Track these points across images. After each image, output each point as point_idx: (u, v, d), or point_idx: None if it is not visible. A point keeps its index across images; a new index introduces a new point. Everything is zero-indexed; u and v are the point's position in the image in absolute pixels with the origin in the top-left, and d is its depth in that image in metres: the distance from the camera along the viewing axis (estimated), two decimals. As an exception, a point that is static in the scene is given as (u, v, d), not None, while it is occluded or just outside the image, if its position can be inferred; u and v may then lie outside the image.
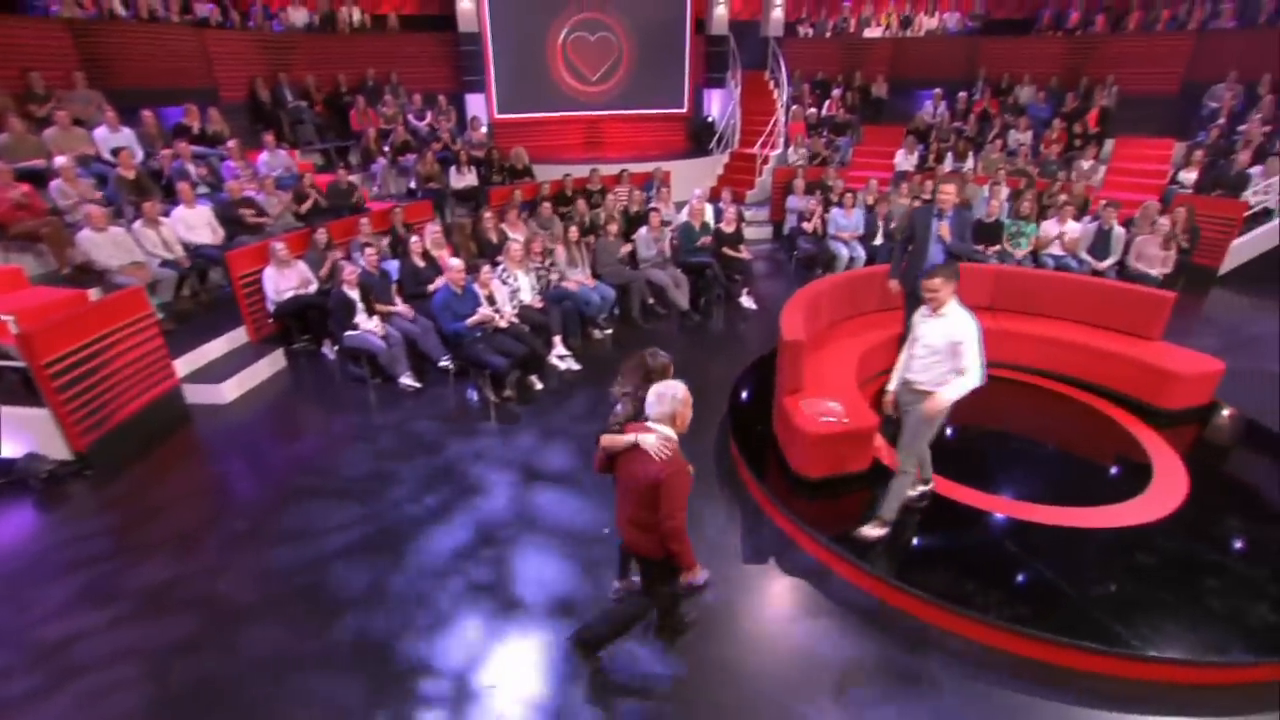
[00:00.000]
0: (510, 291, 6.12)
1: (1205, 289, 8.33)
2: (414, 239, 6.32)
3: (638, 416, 3.02)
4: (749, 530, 4.06)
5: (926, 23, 13.19)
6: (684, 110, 13.12)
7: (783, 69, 12.29)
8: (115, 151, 6.60)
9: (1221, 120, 10.15)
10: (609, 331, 6.99)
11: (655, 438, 2.66)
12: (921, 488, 3.97)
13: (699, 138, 12.64)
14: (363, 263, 5.96)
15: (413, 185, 9.57)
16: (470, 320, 5.30)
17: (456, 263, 5.42)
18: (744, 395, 5.13)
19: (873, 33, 13.43)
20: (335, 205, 7.83)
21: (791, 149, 11.18)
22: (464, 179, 9.58)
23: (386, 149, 9.81)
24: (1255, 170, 8.83)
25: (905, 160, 10.70)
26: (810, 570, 3.70)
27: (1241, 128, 9.70)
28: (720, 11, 12.53)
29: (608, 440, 2.80)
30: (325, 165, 9.93)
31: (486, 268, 5.70)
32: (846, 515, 3.84)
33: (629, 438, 2.72)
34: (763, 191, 11.12)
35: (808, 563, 3.76)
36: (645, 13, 12.28)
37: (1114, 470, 4.36)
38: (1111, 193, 9.43)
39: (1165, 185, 9.44)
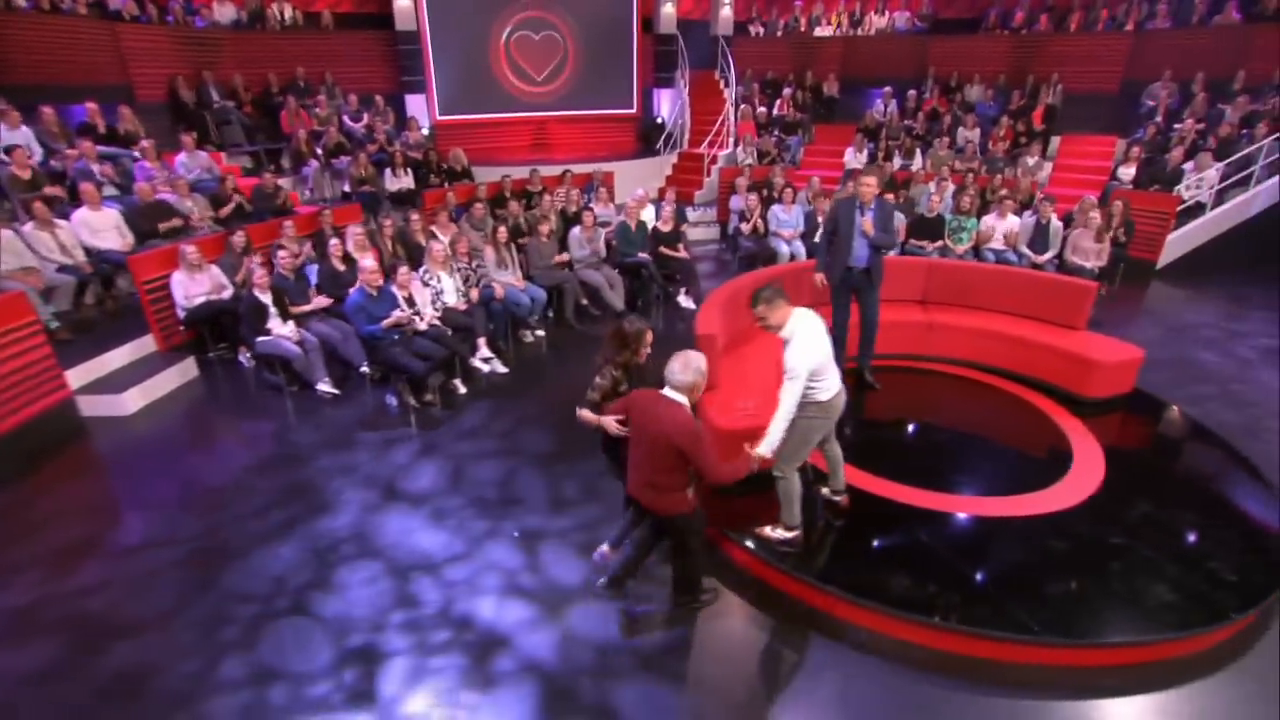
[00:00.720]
0: (433, 293, 6.06)
1: (1145, 282, 8.61)
2: (333, 241, 6.22)
3: (616, 387, 3.36)
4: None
5: (876, 21, 13.48)
6: (633, 111, 13.21)
7: (731, 68, 12.44)
8: (9, 150, 6.38)
9: (1159, 118, 10.52)
10: (541, 333, 6.97)
11: (615, 419, 3.05)
12: (834, 497, 3.88)
13: (650, 139, 12.72)
14: (278, 265, 5.84)
15: (347, 189, 9.44)
16: (385, 322, 5.22)
17: (370, 264, 5.34)
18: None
19: (823, 31, 13.68)
20: (260, 209, 7.68)
21: (740, 148, 11.30)
22: (400, 181, 9.49)
23: (319, 151, 9.67)
24: (1188, 166, 9.16)
25: (854, 158, 10.89)
26: (722, 569, 3.69)
27: (1177, 125, 10.08)
28: (668, 10, 12.67)
29: (581, 416, 3.23)
30: (254, 168, 9.75)
31: (404, 269, 5.62)
32: (760, 512, 3.82)
33: (594, 420, 3.13)
34: (711, 191, 11.21)
35: (720, 560, 3.74)
36: (591, 11, 12.36)
37: (1034, 459, 4.44)
38: (1057, 189, 9.72)
39: (1107, 181, 9.75)
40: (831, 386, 3.36)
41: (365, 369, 5.63)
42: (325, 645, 3.25)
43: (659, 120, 12.92)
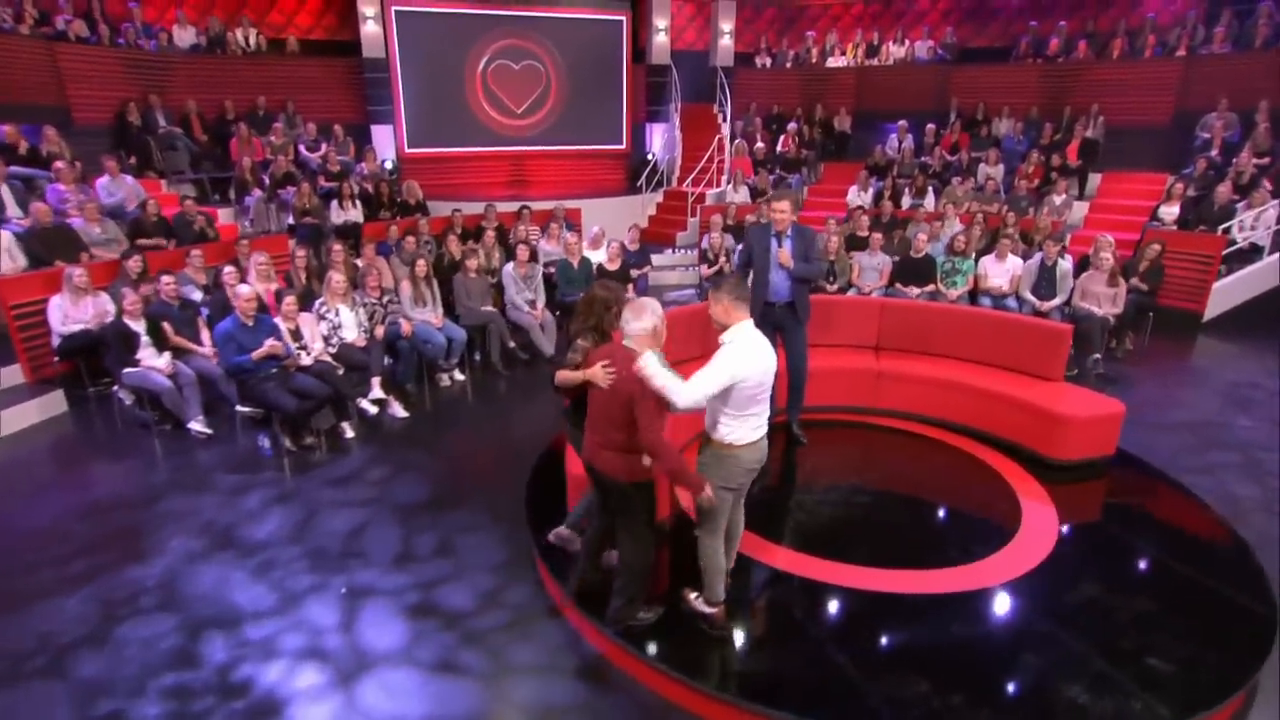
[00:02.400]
0: (330, 327, 6.19)
1: (1188, 336, 8.33)
2: (227, 269, 6.44)
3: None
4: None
5: (894, 51, 13.80)
6: (622, 147, 13.62)
7: (729, 101, 12.81)
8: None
9: (1213, 151, 10.37)
10: (460, 377, 7.02)
11: (601, 366, 3.08)
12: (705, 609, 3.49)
13: (642, 177, 13.06)
14: (162, 293, 6.06)
15: (292, 221, 9.87)
16: (256, 353, 5.32)
17: (246, 290, 5.49)
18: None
19: (836, 62, 14.05)
20: (181, 238, 8.05)
21: (730, 187, 11.49)
22: (346, 214, 9.86)
23: (265, 181, 10.17)
24: (1241, 204, 8.94)
25: (858, 197, 10.97)
26: (589, 666, 3.47)
27: (1235, 160, 9.91)
28: (661, 40, 13.23)
29: (562, 376, 3.37)
30: (199, 197, 10.29)
31: (290, 299, 5.78)
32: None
33: (579, 375, 3.23)
34: (695, 233, 11.35)
35: (587, 653, 3.53)
36: (577, 39, 12.97)
37: (971, 530, 4.25)
38: (1093, 232, 9.56)
39: (1145, 222, 9.57)
40: (752, 431, 3.15)
41: (241, 408, 5.71)
42: (64, 713, 3.19)
43: (650, 157, 13.29)
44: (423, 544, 4.42)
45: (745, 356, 3.05)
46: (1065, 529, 4.13)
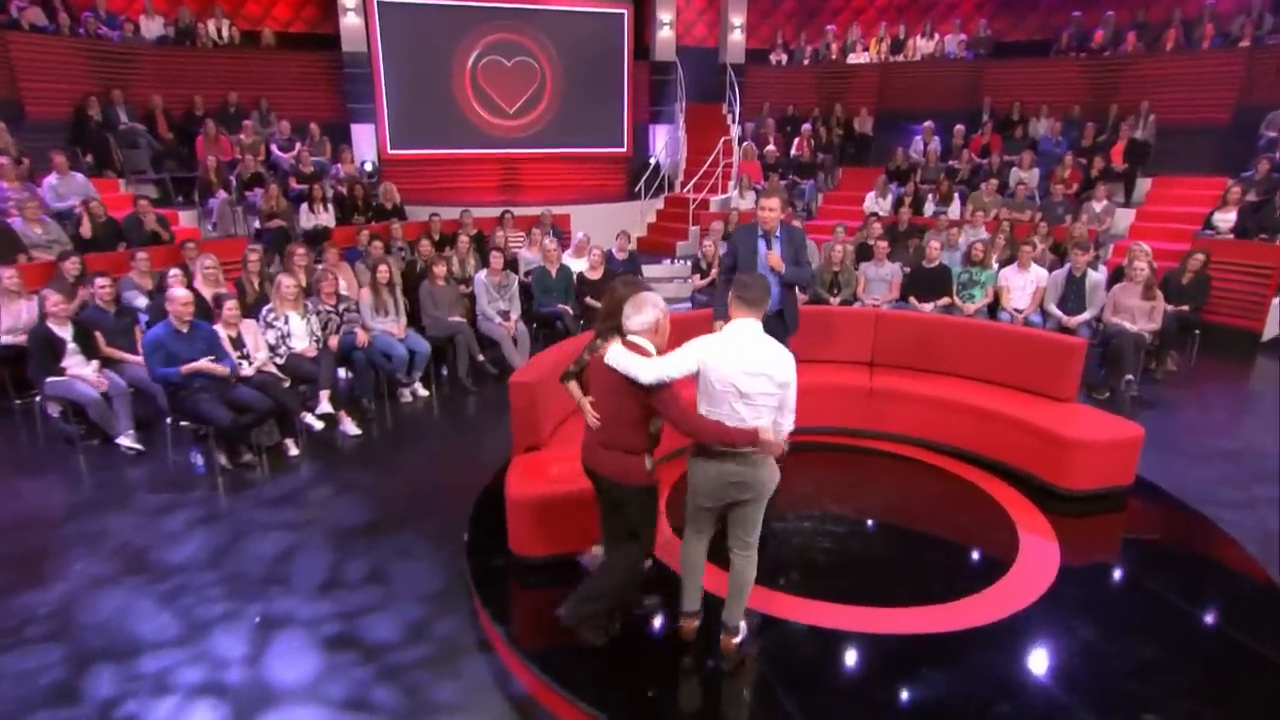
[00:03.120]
0: (278, 336, 6.24)
1: (1245, 358, 8.18)
2: (173, 272, 6.53)
3: None
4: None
5: (921, 46, 13.82)
6: (624, 150, 13.72)
7: (737, 101, 12.88)
8: None
9: (1277, 152, 10.21)
10: (424, 393, 7.04)
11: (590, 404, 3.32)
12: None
13: (640, 182, 13.13)
14: (96, 297, 6.16)
15: (259, 225, 10.03)
16: (185, 368, 5.33)
17: (182, 293, 5.54)
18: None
19: (858, 59, 14.10)
20: (131, 240, 8.20)
21: (735, 193, 11.51)
22: (317, 218, 10.00)
23: (232, 182, 10.36)
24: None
25: (876, 204, 10.93)
26: (515, 708, 3.41)
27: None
28: (666, 35, 13.37)
29: (570, 389, 3.56)
30: (161, 198, 10.51)
31: (231, 304, 5.83)
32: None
33: (577, 396, 3.48)
34: (697, 242, 11.35)
35: (515, 693, 3.48)
36: (575, 34, 13.15)
37: (957, 566, 4.17)
38: (1141, 240, 9.42)
39: (1197, 230, 9.43)
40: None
41: (178, 421, 5.73)
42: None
43: (653, 160, 13.37)
44: (353, 570, 4.40)
45: (718, 343, 3.11)
46: (1066, 566, 4.00)
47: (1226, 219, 9.29)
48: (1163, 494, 4.85)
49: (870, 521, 4.59)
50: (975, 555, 4.27)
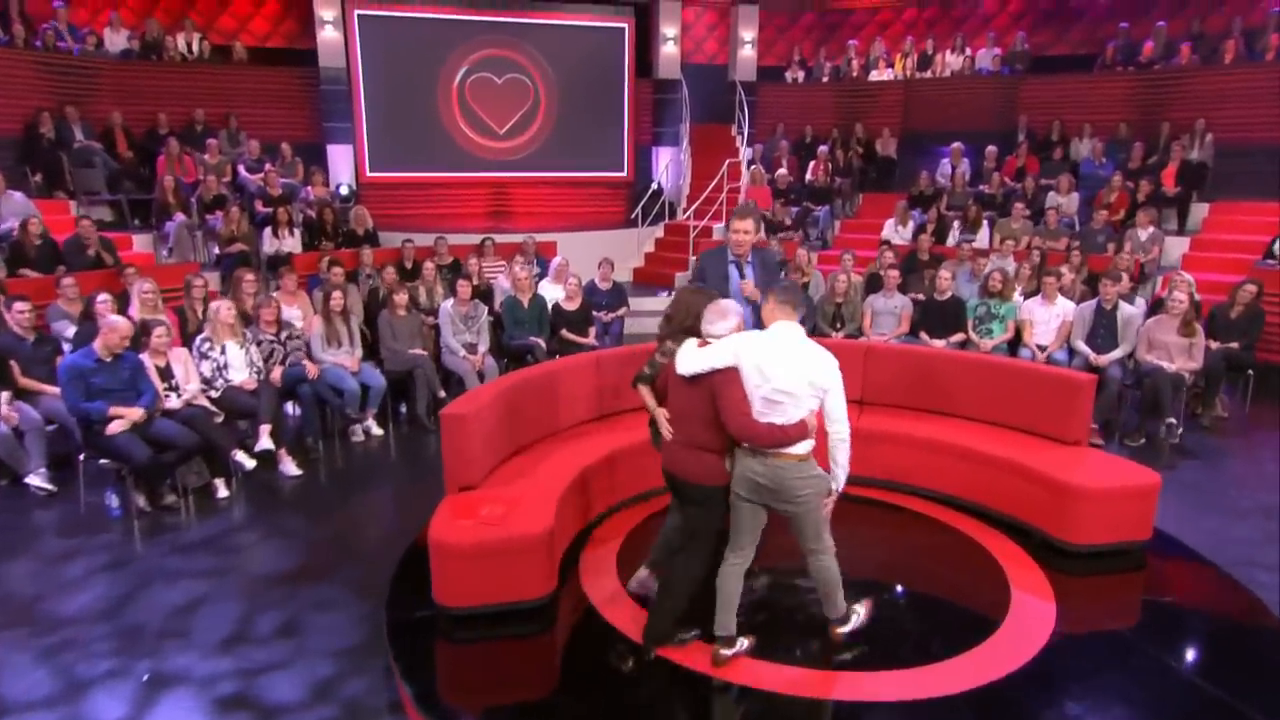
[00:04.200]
0: (214, 367, 6.32)
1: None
2: (102, 297, 6.65)
3: None
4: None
5: (951, 62, 13.95)
6: (624, 174, 13.91)
7: (745, 122, 13.05)
8: None
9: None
10: (378, 432, 7.08)
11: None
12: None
13: (644, 208, 13.28)
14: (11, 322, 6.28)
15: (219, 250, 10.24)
16: (112, 426, 5.37)
17: (121, 322, 5.64)
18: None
19: (880, 75, 14.26)
20: (71, 264, 8.40)
21: (741, 219, 11.56)
22: (282, 243, 10.20)
23: (192, 204, 10.62)
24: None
25: (895, 233, 10.95)
26: None
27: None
28: (670, 51, 13.63)
29: (642, 394, 3.99)
30: (117, 220, 10.79)
31: (159, 330, 5.91)
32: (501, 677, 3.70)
33: (651, 405, 3.92)
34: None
35: None
36: (571, 49, 13.46)
37: (934, 629, 4.05)
38: (1195, 272, 9.33)
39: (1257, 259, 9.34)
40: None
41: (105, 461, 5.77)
42: None
43: (656, 186, 13.52)
44: (264, 623, 4.38)
45: (755, 342, 3.44)
46: (1060, 630, 3.89)
47: (1288, 247, 9.18)
48: (1187, 551, 4.72)
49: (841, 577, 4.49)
50: (958, 617, 4.18)
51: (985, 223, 10.75)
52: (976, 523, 5.00)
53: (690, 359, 3.45)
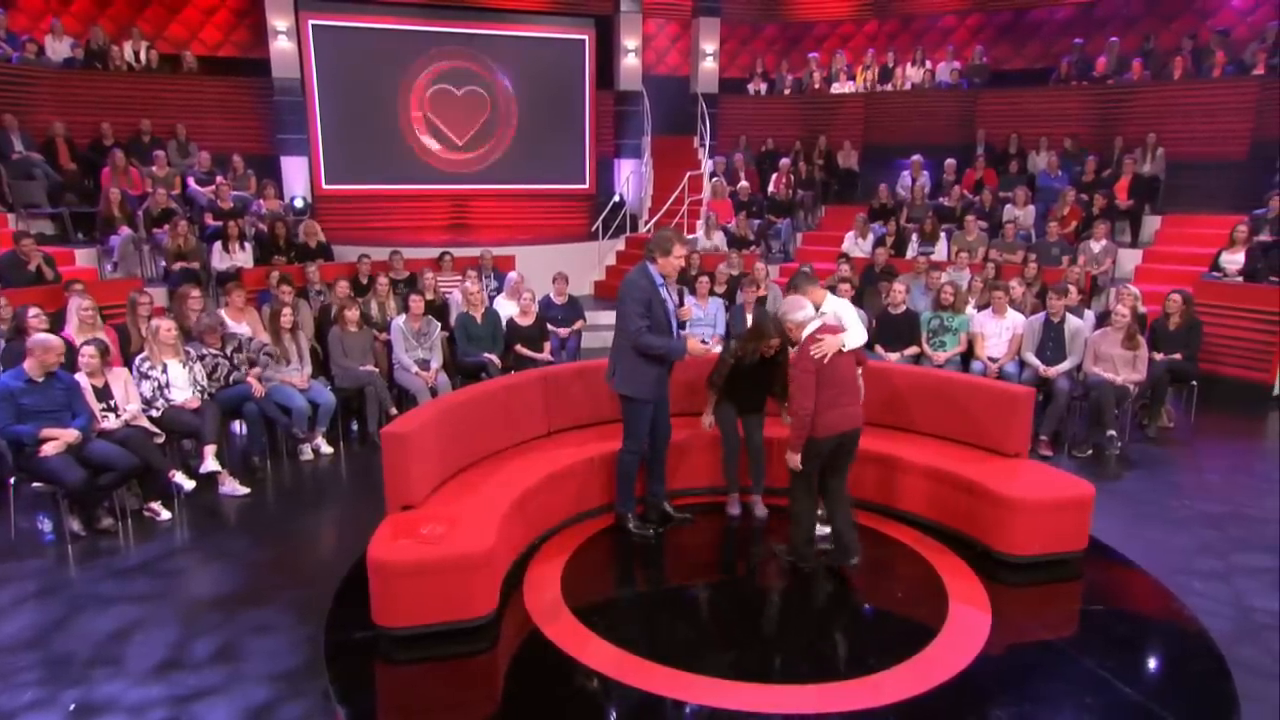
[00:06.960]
0: (155, 387, 6.30)
1: (1256, 413, 8.27)
2: (33, 311, 6.60)
3: (723, 370, 5.17)
4: None
5: (911, 75, 14.25)
6: (585, 186, 14.03)
7: (707, 134, 13.24)
8: None
9: (1292, 189, 10.44)
10: (328, 450, 7.09)
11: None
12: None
13: (606, 221, 13.38)
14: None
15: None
16: (45, 448, 5.34)
17: (53, 340, 5.62)
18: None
19: (842, 88, 14.52)
20: (10, 280, 8.32)
21: (702, 234, 11.74)
22: (232, 259, 10.17)
23: (138, 218, 10.55)
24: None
25: (855, 245, 11.14)
26: None
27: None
28: (631, 62, 13.78)
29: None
30: (59, 235, 10.70)
31: (89, 349, 5.89)
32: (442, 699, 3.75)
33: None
34: (658, 284, 11.53)
35: None
36: (530, 61, 13.62)
37: (868, 641, 4.19)
38: (1146, 284, 9.60)
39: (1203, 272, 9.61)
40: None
41: (36, 482, 5.74)
42: None
43: (619, 198, 13.64)
44: (200, 648, 4.36)
45: (849, 309, 5.03)
46: (995, 640, 4.02)
47: (1234, 260, 9.46)
48: (1122, 561, 4.88)
49: (780, 590, 4.69)
50: (895, 629, 4.30)
51: (943, 235, 10.97)
52: (920, 535, 5.13)
53: (858, 334, 4.63)
